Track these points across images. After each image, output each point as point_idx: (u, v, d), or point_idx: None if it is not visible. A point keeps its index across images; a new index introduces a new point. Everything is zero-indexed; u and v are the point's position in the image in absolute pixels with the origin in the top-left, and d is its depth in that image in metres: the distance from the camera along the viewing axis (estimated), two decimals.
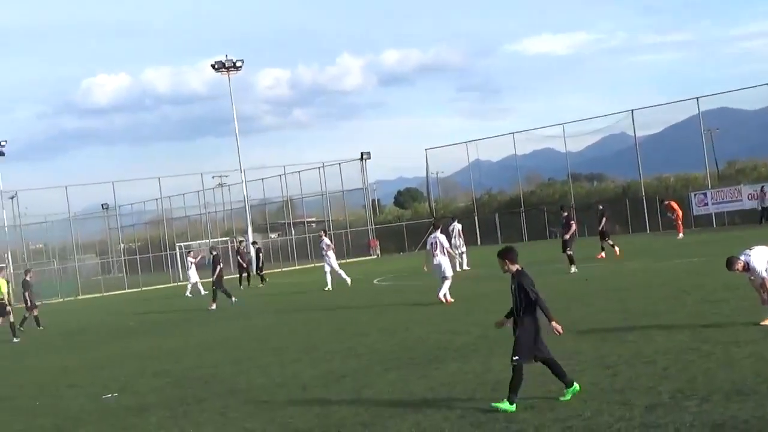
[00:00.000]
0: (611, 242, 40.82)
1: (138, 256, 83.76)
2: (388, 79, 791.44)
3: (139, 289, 66.79)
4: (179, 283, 69.87)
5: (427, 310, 26.31)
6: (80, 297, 66.63)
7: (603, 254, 40.00)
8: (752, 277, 16.33)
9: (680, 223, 51.15)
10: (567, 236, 35.84)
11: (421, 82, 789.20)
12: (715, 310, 18.70)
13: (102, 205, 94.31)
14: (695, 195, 62.04)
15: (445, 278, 27.59)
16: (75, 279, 73.60)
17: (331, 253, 41.17)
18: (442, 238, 28.55)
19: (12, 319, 33.66)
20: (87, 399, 17.33)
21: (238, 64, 75.12)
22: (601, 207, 44.59)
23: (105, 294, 66.64)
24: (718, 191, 60.96)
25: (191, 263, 49.52)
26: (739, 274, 16.55)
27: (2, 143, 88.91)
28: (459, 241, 43.10)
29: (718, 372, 12.53)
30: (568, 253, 35.04)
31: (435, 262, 27.95)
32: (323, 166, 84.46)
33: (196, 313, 36.51)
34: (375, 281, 41.74)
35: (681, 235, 49.78)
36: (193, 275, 49.13)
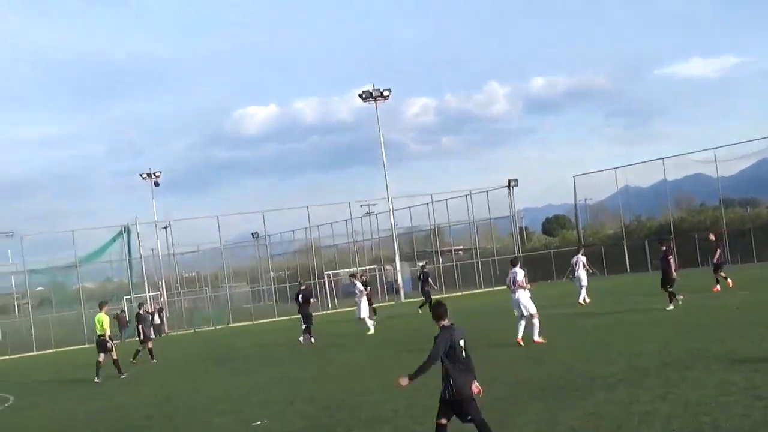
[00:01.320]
0: (723, 274, 39.41)
1: (288, 284, 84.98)
2: (535, 105, 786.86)
3: (289, 317, 67.71)
4: (327, 311, 70.78)
5: (571, 338, 26.09)
6: (231, 325, 67.95)
7: (718, 287, 38.62)
8: None
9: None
10: (671, 272, 33.51)
11: (568, 109, 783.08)
12: None
13: (252, 234, 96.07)
14: None
15: (529, 316, 26.51)
16: (226, 307, 75.19)
17: (363, 299, 41.31)
18: (520, 273, 27.39)
19: (115, 356, 32.41)
20: (238, 425, 17.69)
21: (385, 93, 75.87)
22: (713, 238, 42.32)
23: (255, 322, 67.84)
24: None
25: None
26: None
27: (157, 174, 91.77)
28: (581, 274, 41.63)
29: None
30: (669, 290, 33.02)
31: (514, 298, 27.01)
32: (470, 194, 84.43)
33: (343, 339, 36.88)
34: (580, 299, 41.56)
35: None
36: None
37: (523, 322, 26.48)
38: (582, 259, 42.41)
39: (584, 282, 41.19)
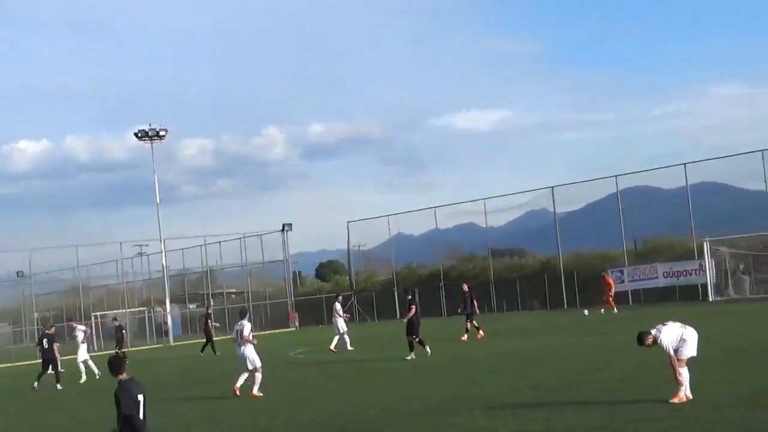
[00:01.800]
0: (476, 324, 40.28)
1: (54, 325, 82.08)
2: (313, 151, 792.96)
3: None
4: (94, 354, 68.59)
5: (340, 383, 26.10)
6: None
7: (466, 336, 39.45)
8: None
9: (611, 298, 52.10)
10: (406, 319, 34.32)
11: (344, 155, 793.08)
12: (626, 386, 18.79)
13: (17, 272, 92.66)
14: (612, 272, 62.54)
15: (253, 369, 25.13)
16: None
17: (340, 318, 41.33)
18: (247, 327, 25.79)
19: None
20: None
21: (162, 133, 74.68)
22: (466, 288, 42.43)
23: (15, 363, 65.17)
24: (634, 269, 61.65)
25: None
26: (650, 349, 16.61)
27: None
28: (339, 320, 41.10)
29: None
30: (412, 338, 33.06)
31: (238, 353, 25.51)
32: (244, 237, 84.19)
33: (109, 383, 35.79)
34: (290, 354, 41.38)
35: (603, 310, 50.81)
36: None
37: (245, 375, 25.28)
38: (337, 306, 42.12)
39: (343, 328, 40.82)
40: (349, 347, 39.98)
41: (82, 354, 39.71)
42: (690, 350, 16.35)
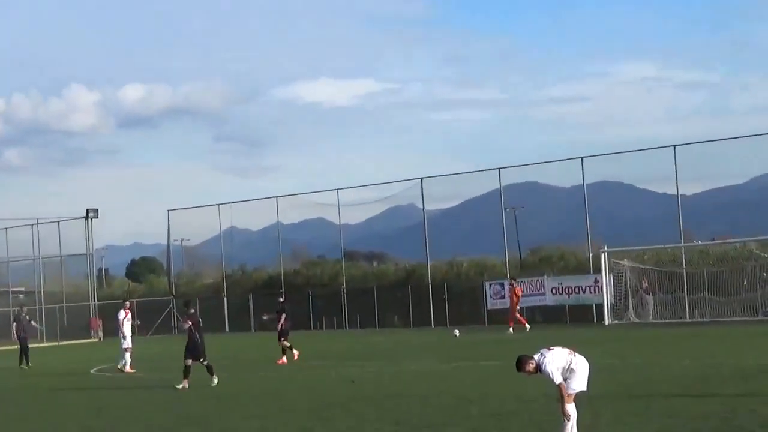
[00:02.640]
0: (288, 343, 40.12)
1: None
2: (128, 120, 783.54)
3: None
4: None
5: (155, 410, 26.10)
6: None
7: (284, 359, 39.59)
8: None
9: (518, 313, 54.47)
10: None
11: (167, 127, 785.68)
12: (501, 424, 19.25)
13: None
14: (491, 285, 63.39)
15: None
16: None
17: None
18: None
19: None
20: None
21: None
22: (281, 300, 43.17)
23: None
24: (518, 283, 62.58)
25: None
26: (531, 378, 16.88)
27: None
28: (124, 333, 40.68)
29: None
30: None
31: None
32: (38, 224, 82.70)
33: None
34: (92, 371, 41.05)
35: (512, 329, 52.34)
36: None
37: None
38: (120, 315, 41.98)
39: (129, 344, 40.36)
40: (128, 369, 39.36)
41: None
42: (579, 384, 16.69)
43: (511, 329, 52.30)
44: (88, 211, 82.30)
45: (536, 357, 16.49)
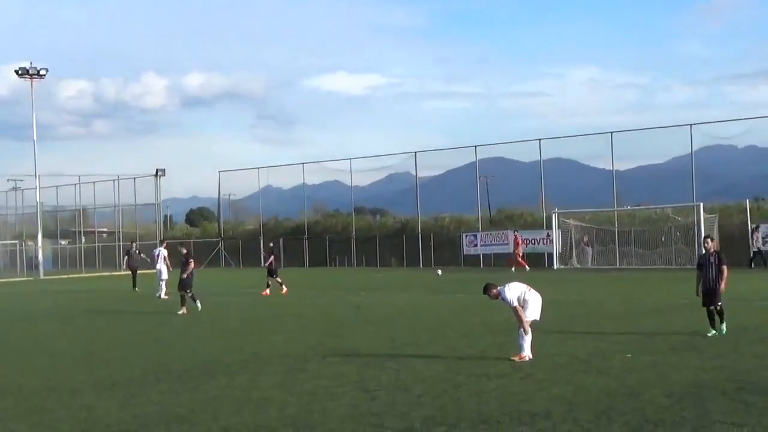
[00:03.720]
0: (279, 279, 39.00)
1: None
2: (191, 100, 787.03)
3: None
4: None
5: (204, 325, 26.05)
6: None
7: (268, 291, 38.42)
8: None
9: (519, 257, 54.69)
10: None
11: (221, 107, 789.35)
12: (472, 344, 19.20)
13: None
14: (466, 236, 63.60)
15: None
16: None
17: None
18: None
19: None
20: None
21: (42, 72, 72.91)
22: (271, 245, 43.86)
23: None
24: (487, 234, 62.61)
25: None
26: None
27: None
28: (162, 267, 39.52)
29: (467, 402, 12.85)
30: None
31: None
32: (118, 179, 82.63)
33: None
34: (158, 294, 41.01)
35: (514, 269, 52.04)
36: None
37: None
38: (163, 252, 40.48)
39: (164, 276, 39.14)
40: (163, 295, 37.87)
41: None
42: (533, 313, 16.83)
43: (513, 269, 52.22)
44: (157, 171, 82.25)
45: (499, 288, 16.70)
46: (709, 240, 20.77)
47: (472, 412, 12.14)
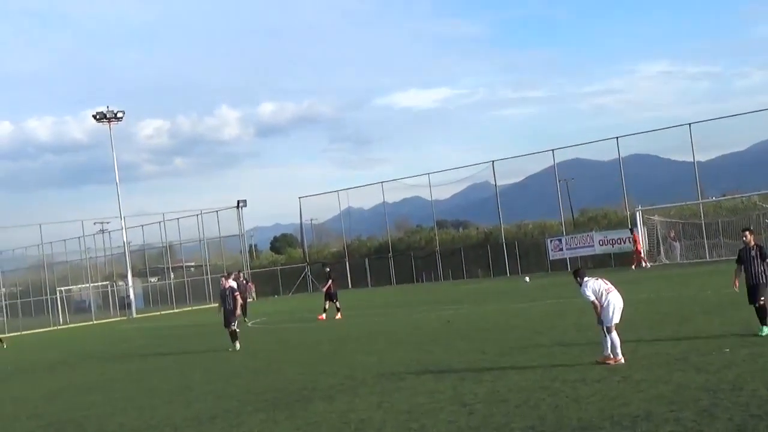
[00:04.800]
0: (338, 304, 38.70)
1: (19, 300, 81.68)
2: (265, 129, 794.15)
3: (20, 333, 64.97)
4: (60, 327, 68.48)
5: (297, 351, 26.20)
6: None
7: (323, 316, 38.38)
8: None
9: (641, 255, 54.18)
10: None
11: (295, 133, 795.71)
12: (565, 350, 19.03)
13: None
14: (551, 241, 63.22)
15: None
16: None
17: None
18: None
19: None
20: None
21: (119, 114, 74.23)
22: (327, 269, 42.77)
23: None
24: (572, 237, 62.18)
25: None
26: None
27: None
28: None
29: (566, 409, 12.72)
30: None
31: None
32: (201, 214, 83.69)
33: (76, 356, 35.67)
34: (249, 323, 41.34)
35: (635, 266, 52.53)
36: None
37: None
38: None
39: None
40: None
41: None
42: (613, 317, 16.66)
43: (633, 266, 52.50)
44: (238, 202, 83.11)
45: (585, 279, 16.61)
46: (747, 233, 19.73)
47: (571, 419, 12.02)
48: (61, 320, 74.21)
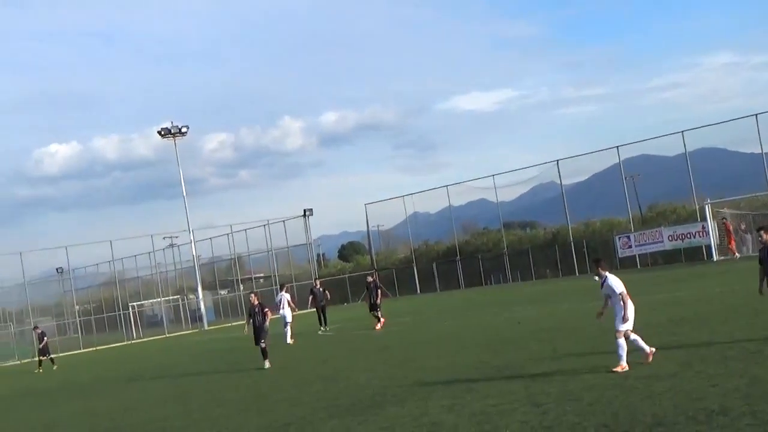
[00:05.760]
0: (379, 314, 38.39)
1: (93, 317, 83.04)
2: (328, 139, 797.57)
3: (94, 349, 65.98)
4: (133, 341, 69.37)
5: (367, 357, 26.27)
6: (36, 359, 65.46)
7: (380, 325, 37.85)
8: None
9: (733, 245, 53.82)
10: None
11: (359, 141, 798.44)
12: (635, 346, 18.86)
13: (57, 269, 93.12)
14: (619, 238, 62.58)
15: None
16: (31, 342, 72.41)
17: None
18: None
19: None
20: None
21: (183, 129, 74.97)
22: (370, 279, 41.03)
23: (60, 354, 65.64)
24: (640, 234, 61.47)
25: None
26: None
27: None
28: (287, 312, 39.06)
29: (639, 405, 12.62)
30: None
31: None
32: (268, 224, 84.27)
33: (150, 370, 36.10)
34: (319, 331, 41.55)
35: (736, 255, 52.16)
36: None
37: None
38: (286, 296, 39.95)
39: (288, 319, 38.69)
40: (288, 340, 37.34)
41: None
42: (630, 321, 16.67)
43: (736, 255, 52.60)
44: (305, 211, 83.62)
45: (606, 273, 17.71)
46: (763, 232, 18.49)
47: (645, 415, 11.92)
48: (134, 335, 75.23)
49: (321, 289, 43.90)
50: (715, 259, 53.23)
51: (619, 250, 62.18)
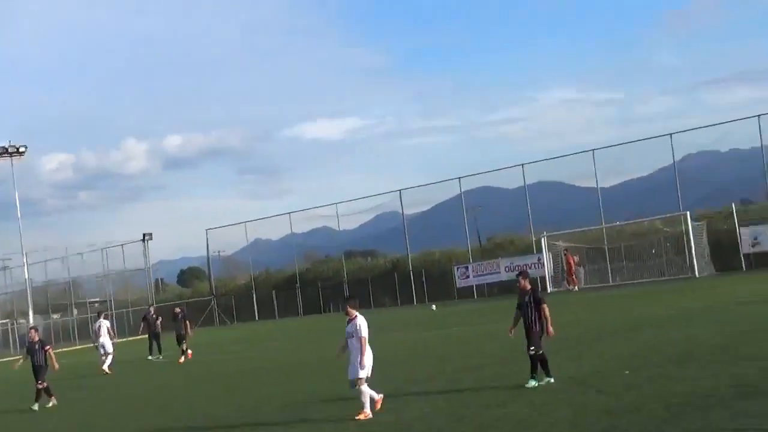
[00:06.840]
0: (184, 347, 37.49)
1: None
2: (172, 162, 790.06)
3: None
4: None
5: (204, 383, 25.94)
6: None
7: (183, 358, 36.99)
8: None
9: (573, 276, 54.76)
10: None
11: (203, 165, 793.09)
12: (472, 376, 19.13)
13: None
14: (458, 268, 63.49)
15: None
16: None
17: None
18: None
19: None
20: None
21: (21, 149, 72.96)
22: (178, 310, 40.34)
23: None
24: (478, 264, 62.50)
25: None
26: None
27: None
28: (106, 340, 37.18)
29: None
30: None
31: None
32: (106, 248, 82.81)
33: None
34: (148, 357, 40.87)
35: (575, 288, 53.45)
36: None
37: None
38: (105, 323, 38.15)
39: (109, 349, 36.93)
40: (106, 368, 35.81)
41: None
42: (363, 369, 16.12)
43: (574, 287, 53.67)
44: (144, 235, 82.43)
45: (356, 312, 17.57)
46: (521, 278, 18.59)
47: None
48: None
49: (154, 316, 43.03)
50: (549, 291, 54.41)
51: (458, 280, 63.10)
